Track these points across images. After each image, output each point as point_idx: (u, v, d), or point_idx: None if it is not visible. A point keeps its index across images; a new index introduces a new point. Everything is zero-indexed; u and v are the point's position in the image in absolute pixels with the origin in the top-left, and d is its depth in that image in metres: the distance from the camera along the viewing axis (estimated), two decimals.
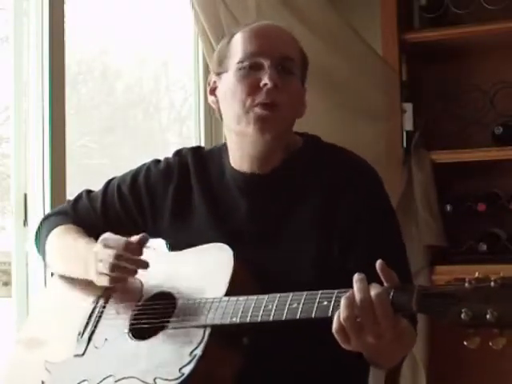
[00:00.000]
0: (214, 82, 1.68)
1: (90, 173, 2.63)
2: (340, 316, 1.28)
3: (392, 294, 1.26)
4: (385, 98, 2.90)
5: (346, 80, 2.80)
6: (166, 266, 1.64)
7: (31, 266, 2.18)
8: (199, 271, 1.56)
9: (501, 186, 3.04)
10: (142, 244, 1.57)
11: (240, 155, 1.66)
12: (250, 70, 1.59)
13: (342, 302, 1.29)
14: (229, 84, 1.62)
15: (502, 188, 3.03)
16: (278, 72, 1.58)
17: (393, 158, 2.92)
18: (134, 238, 1.58)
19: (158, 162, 1.78)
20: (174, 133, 3.18)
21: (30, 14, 2.23)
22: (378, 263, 1.28)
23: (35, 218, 2.11)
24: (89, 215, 1.80)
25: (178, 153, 1.78)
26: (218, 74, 1.66)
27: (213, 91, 1.69)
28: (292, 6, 2.70)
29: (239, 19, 2.58)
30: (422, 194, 2.93)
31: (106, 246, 1.58)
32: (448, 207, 2.97)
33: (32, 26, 2.23)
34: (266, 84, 1.56)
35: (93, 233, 1.76)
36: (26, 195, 2.21)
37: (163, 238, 1.74)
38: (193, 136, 2.98)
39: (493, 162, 2.96)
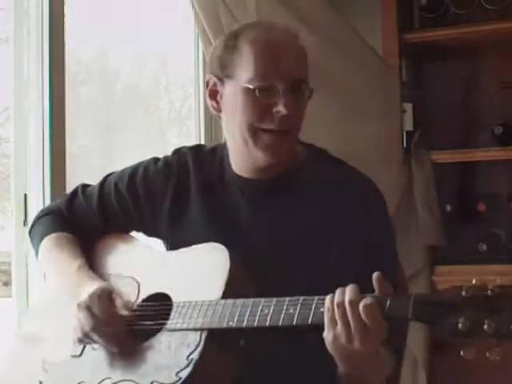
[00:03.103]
0: (215, 85, 1.61)
1: (89, 173, 2.63)
2: (334, 300, 1.30)
3: (388, 302, 1.26)
4: (385, 97, 2.90)
5: (346, 80, 2.80)
6: (162, 266, 1.63)
7: (31, 266, 2.18)
8: (195, 271, 1.55)
9: (501, 186, 3.04)
10: (123, 320, 1.53)
11: (242, 165, 1.63)
12: (262, 92, 1.52)
13: (337, 291, 1.30)
14: (236, 100, 1.56)
15: (501, 188, 3.03)
16: (291, 96, 1.52)
17: (393, 157, 2.93)
18: (118, 313, 1.53)
19: (156, 160, 1.75)
20: (173, 133, 3.18)
21: (30, 14, 2.23)
22: (375, 275, 1.29)
23: None
24: (85, 214, 1.77)
25: (178, 151, 1.75)
26: (220, 79, 1.59)
27: (214, 95, 1.62)
28: (291, 6, 2.70)
29: (239, 19, 2.58)
30: (422, 193, 2.93)
31: (89, 308, 1.51)
32: (448, 207, 2.97)
33: (32, 25, 2.23)
34: (279, 111, 1.51)
35: (88, 232, 1.76)
36: (26, 195, 2.21)
37: (160, 237, 1.73)
38: (193, 136, 2.98)
39: (493, 161, 2.96)
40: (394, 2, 2.95)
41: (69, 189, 2.20)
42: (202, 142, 2.91)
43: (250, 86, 1.52)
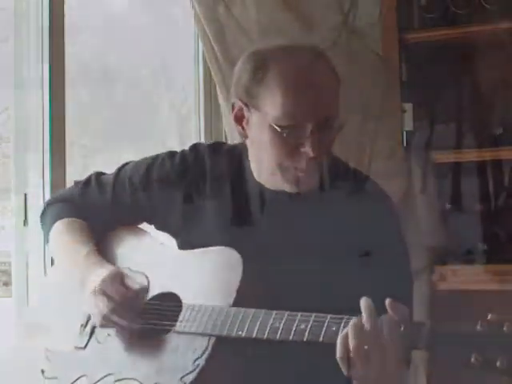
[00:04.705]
0: (241, 110, 1.56)
1: (90, 173, 2.62)
2: (349, 344, 1.26)
3: (403, 329, 1.24)
4: (385, 97, 2.90)
5: (346, 80, 2.79)
6: (172, 265, 1.62)
7: (31, 266, 2.18)
8: (207, 275, 1.53)
9: (501, 185, 3.04)
10: (140, 299, 1.54)
11: (265, 179, 1.61)
12: (290, 131, 1.49)
13: (350, 330, 1.26)
14: (263, 135, 1.52)
15: (501, 188, 3.03)
16: (319, 134, 1.50)
17: (393, 157, 2.93)
18: (134, 292, 1.55)
19: (173, 154, 1.72)
20: (174, 133, 3.18)
21: (30, 14, 2.23)
22: (388, 301, 1.26)
23: (35, 218, 2.11)
24: (97, 202, 1.76)
25: (195, 147, 1.72)
26: (247, 106, 1.54)
27: (240, 120, 1.57)
28: (292, 6, 2.70)
29: (239, 19, 2.58)
30: (422, 193, 2.93)
31: (104, 292, 1.53)
32: (448, 207, 2.97)
33: (32, 25, 2.23)
34: (306, 153, 1.49)
35: (100, 221, 1.75)
36: (26, 195, 2.21)
37: (172, 233, 1.71)
38: (193, 136, 2.98)
39: (493, 162, 2.96)
40: (393, 2, 2.95)
41: None
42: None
43: (278, 128, 1.49)
